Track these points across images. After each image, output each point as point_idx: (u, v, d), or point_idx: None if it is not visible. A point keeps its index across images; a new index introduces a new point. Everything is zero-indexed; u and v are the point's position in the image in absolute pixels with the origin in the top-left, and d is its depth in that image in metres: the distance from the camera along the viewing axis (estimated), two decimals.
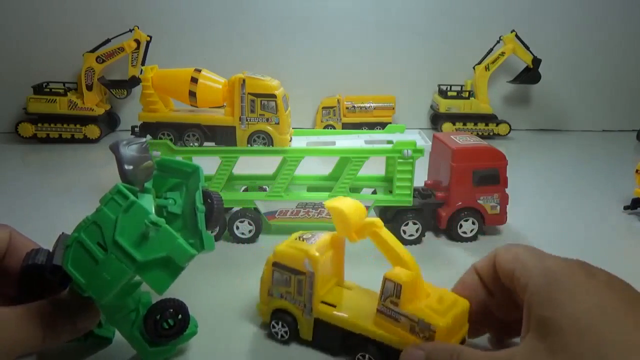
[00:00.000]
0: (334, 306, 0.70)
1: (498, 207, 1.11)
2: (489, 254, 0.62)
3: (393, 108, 2.09)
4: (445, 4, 2.14)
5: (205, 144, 1.12)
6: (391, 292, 0.64)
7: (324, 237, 0.73)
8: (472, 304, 0.64)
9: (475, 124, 2.08)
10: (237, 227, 1.08)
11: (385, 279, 0.65)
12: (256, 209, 1.09)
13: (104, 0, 2.00)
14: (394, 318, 0.64)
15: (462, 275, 0.67)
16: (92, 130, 1.90)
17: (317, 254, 0.68)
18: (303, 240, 0.71)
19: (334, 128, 2.02)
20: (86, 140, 1.90)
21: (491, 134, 2.09)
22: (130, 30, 1.91)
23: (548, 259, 0.31)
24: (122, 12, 2.00)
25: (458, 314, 0.63)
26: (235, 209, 1.10)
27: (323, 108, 2.04)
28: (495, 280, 0.59)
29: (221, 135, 1.10)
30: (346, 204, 0.68)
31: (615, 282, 0.30)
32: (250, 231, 1.08)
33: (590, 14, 2.19)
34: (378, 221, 0.68)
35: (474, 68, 2.10)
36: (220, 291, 0.87)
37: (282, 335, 0.73)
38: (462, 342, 0.66)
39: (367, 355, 0.66)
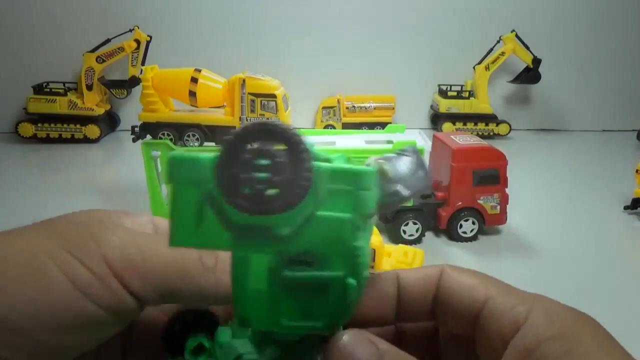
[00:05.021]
0: None
1: (498, 207, 1.11)
2: (425, 271, 0.29)
3: (393, 108, 2.09)
4: (445, 3, 2.13)
5: (205, 144, 1.12)
6: None
7: None
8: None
9: (475, 124, 2.08)
10: None
11: None
12: None
13: (104, 0, 2.00)
14: None
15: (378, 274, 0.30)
16: (92, 130, 1.90)
17: None
18: None
19: (334, 128, 2.02)
20: (86, 140, 1.90)
21: (491, 134, 2.09)
22: (130, 30, 1.91)
23: (542, 299, 0.23)
24: (122, 12, 1.99)
25: (420, 262, 0.75)
26: None
27: (323, 108, 2.04)
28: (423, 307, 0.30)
29: (221, 135, 1.10)
30: None
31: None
32: None
33: (590, 14, 2.19)
34: None
35: (474, 68, 2.10)
36: None
37: None
38: None
39: None
